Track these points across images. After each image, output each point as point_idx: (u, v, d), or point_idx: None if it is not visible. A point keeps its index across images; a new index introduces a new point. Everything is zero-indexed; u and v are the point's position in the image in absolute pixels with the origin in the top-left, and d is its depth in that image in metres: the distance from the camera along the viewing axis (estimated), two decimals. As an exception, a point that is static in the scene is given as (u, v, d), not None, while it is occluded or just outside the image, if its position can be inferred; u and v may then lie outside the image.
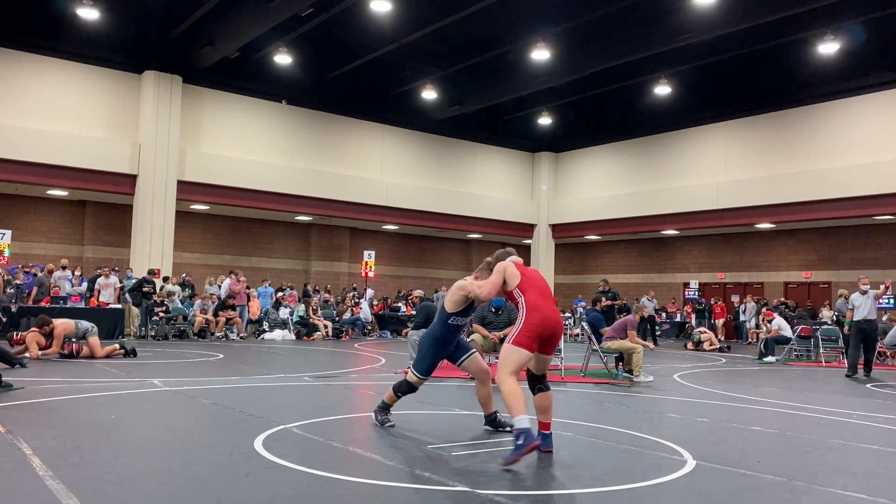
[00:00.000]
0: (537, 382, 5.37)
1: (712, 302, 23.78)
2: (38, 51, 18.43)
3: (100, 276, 17.57)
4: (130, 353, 11.88)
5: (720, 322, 22.52)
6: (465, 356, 6.25)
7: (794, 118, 21.46)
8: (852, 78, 20.19)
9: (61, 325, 11.38)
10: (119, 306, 16.79)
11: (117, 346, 12.12)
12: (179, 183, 19.94)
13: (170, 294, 17.55)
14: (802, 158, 21.14)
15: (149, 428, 6.04)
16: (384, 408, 6.31)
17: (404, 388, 6.22)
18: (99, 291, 17.12)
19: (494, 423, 6.16)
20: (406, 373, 10.55)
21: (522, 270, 5.37)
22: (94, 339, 11.59)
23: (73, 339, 11.48)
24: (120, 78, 19.63)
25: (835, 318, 18.12)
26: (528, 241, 28.40)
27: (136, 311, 17.23)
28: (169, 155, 19.65)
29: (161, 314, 16.70)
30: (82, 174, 18.74)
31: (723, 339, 21.12)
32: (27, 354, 10.79)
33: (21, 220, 20.35)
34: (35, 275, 17.19)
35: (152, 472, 4.40)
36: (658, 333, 21.76)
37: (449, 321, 6.00)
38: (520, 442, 4.61)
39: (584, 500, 4.08)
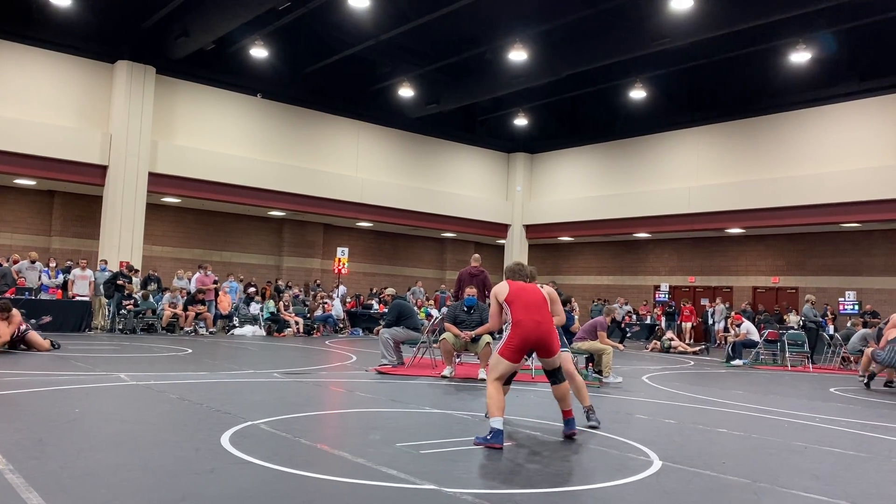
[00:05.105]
0: (550, 377, 5.88)
1: (681, 304, 23.96)
2: (7, 37, 18.07)
3: (71, 267, 17.27)
4: (56, 346, 11.57)
5: (688, 325, 22.71)
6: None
7: (766, 125, 21.77)
8: (822, 87, 20.52)
9: (16, 313, 11.29)
10: (87, 298, 16.54)
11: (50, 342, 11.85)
12: (151, 175, 19.68)
13: (146, 288, 17.36)
14: (772, 165, 21.45)
15: (113, 422, 5.95)
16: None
17: None
18: (73, 283, 16.86)
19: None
20: (376, 370, 10.57)
21: (512, 286, 5.81)
22: (33, 333, 11.44)
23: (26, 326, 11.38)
24: (92, 67, 19.33)
25: (801, 323, 18.41)
26: (502, 242, 28.48)
27: (105, 303, 16.99)
28: (140, 146, 19.38)
29: (130, 307, 16.48)
30: (51, 164, 18.41)
31: (692, 342, 21.35)
32: None
33: (-14, 209, 19.96)
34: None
35: (116, 466, 4.34)
36: (629, 335, 21.96)
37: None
38: (488, 436, 5.36)
39: (549, 499, 4.09)
